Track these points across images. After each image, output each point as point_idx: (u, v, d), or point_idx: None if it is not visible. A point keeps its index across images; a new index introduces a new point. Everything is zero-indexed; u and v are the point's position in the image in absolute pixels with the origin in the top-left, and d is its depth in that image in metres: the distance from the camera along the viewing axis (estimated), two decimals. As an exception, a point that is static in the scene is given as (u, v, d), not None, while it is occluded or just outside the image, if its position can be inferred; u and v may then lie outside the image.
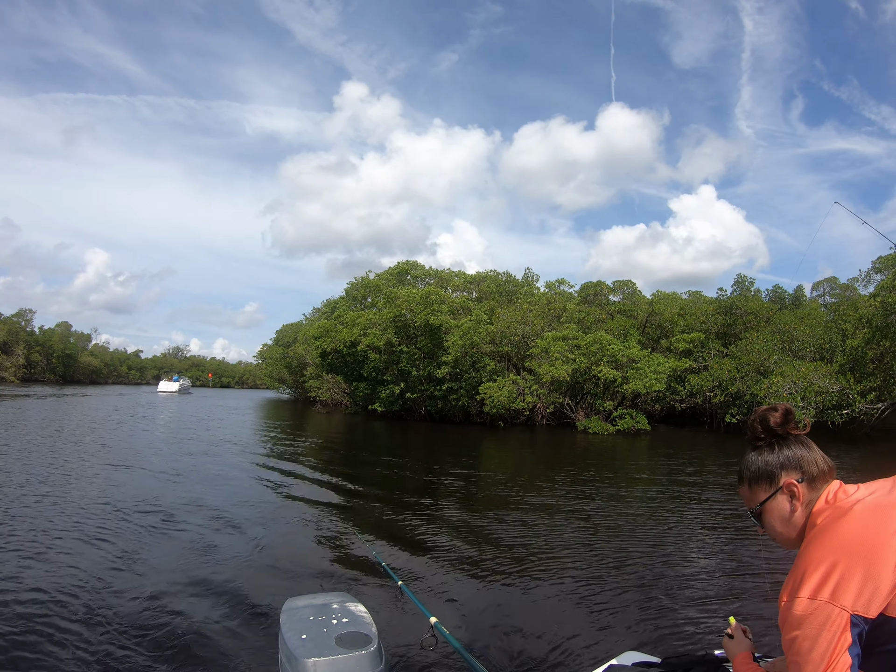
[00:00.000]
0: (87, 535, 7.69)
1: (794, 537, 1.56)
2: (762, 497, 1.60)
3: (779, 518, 1.58)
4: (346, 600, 3.58)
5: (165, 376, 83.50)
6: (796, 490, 1.53)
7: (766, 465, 1.59)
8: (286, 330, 69.17)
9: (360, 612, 3.40)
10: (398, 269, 44.94)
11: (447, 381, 32.41)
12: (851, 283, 43.38)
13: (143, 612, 5.22)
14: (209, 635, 4.82)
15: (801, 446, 1.59)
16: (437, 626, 2.95)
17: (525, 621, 5.37)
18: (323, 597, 3.66)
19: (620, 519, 9.58)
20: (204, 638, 4.77)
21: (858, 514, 1.37)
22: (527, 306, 32.49)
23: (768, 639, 4.83)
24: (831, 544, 1.35)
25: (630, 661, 2.20)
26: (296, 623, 3.21)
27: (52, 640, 4.65)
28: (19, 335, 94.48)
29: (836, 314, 32.82)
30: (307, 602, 3.54)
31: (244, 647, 4.61)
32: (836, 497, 1.48)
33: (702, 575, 6.80)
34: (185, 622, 5.04)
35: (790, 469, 1.56)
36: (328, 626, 3.16)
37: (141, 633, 4.80)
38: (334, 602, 3.52)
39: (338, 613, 3.32)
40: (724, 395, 27.53)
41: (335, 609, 3.39)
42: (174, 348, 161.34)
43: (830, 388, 22.15)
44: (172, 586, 5.88)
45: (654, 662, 2.13)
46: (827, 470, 1.56)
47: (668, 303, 37.86)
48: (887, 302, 21.49)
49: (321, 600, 3.56)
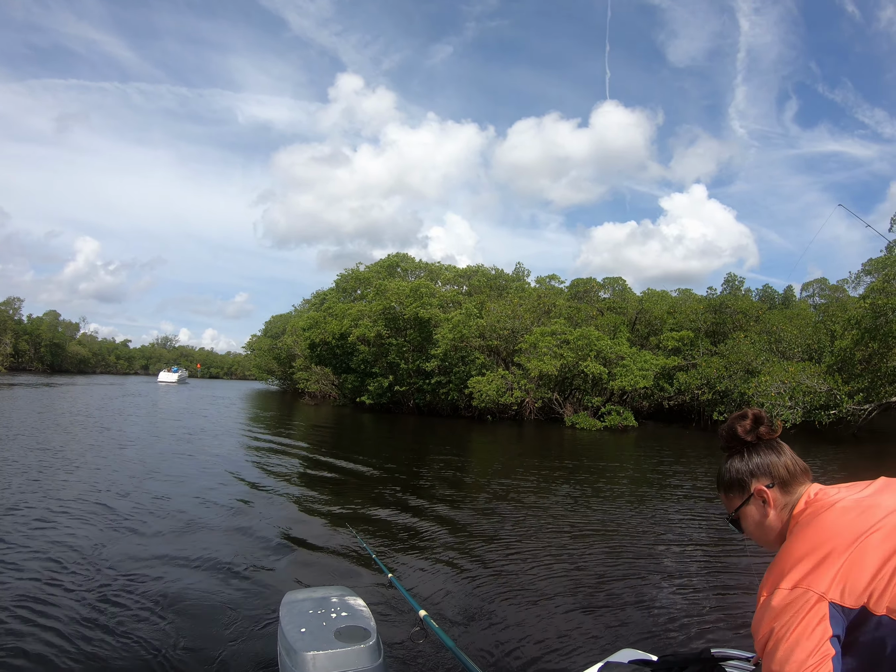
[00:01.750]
0: (80, 519, 7.80)
1: (773, 540, 1.57)
2: (736, 504, 1.63)
3: (753, 523, 1.61)
4: (345, 594, 3.57)
5: (165, 367, 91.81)
6: (767, 496, 1.55)
7: (737, 472, 1.62)
8: (275, 321, 68.84)
9: (360, 605, 3.40)
10: (388, 262, 44.70)
11: (436, 374, 32.28)
12: (841, 284, 43.62)
13: (138, 605, 5.18)
14: (207, 628, 4.80)
15: (771, 452, 1.60)
16: (427, 619, 2.93)
17: (516, 616, 5.29)
18: (322, 590, 3.64)
19: (612, 514, 9.53)
20: (202, 631, 4.75)
21: (839, 510, 1.38)
22: (517, 301, 32.39)
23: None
24: (812, 537, 1.35)
25: (626, 658, 2.18)
26: (295, 616, 3.20)
27: (50, 630, 4.64)
28: (7, 324, 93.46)
29: (825, 315, 32.97)
30: (306, 595, 3.53)
31: (243, 639, 4.59)
32: (817, 498, 1.48)
33: (698, 571, 6.74)
34: (182, 614, 5.02)
35: (760, 475, 1.58)
36: (327, 619, 3.16)
37: (137, 627, 4.76)
38: (333, 596, 3.51)
39: (337, 607, 3.33)
40: (712, 394, 27.58)
41: (334, 602, 3.39)
42: (163, 338, 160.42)
43: (818, 389, 22.19)
44: (166, 576, 5.89)
45: (651, 660, 2.10)
46: (799, 472, 1.57)
47: (657, 300, 37.86)
48: (877, 304, 21.53)
49: (320, 594, 3.55)
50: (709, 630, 5.04)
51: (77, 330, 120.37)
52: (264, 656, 4.20)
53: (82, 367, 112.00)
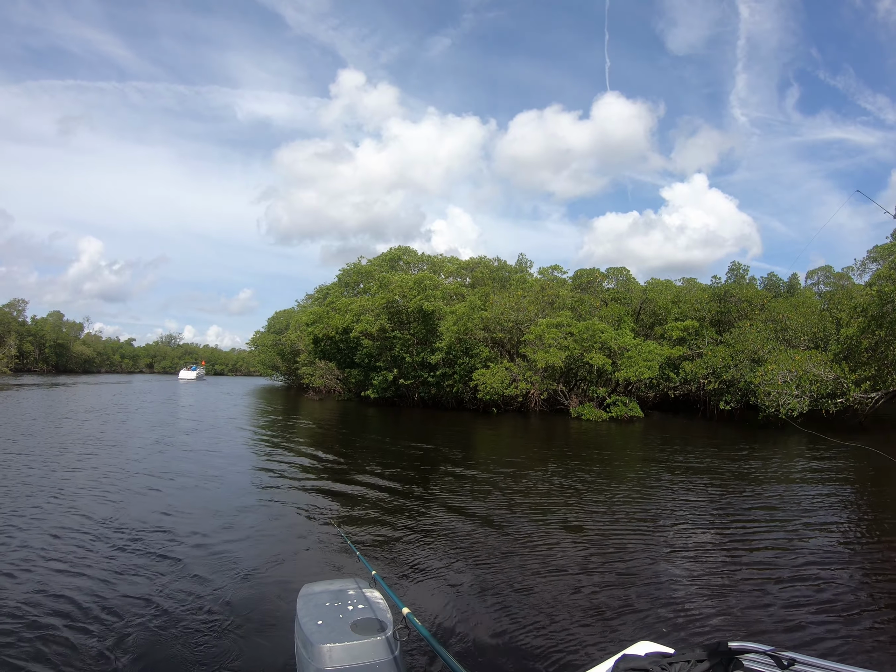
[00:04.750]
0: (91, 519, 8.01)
1: None
2: None
3: None
4: (362, 586, 3.57)
5: (185, 366, 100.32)
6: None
7: None
8: (279, 317, 68.69)
9: (376, 598, 3.39)
10: (391, 255, 44.54)
11: (441, 367, 32.20)
12: (846, 272, 43.31)
13: (153, 601, 5.32)
14: (222, 622, 4.93)
15: None
16: (410, 616, 2.87)
17: (505, 614, 5.25)
18: (339, 583, 3.65)
19: (620, 507, 9.47)
20: (217, 624, 4.87)
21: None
22: (520, 293, 32.23)
23: (778, 629, 4.69)
24: None
25: (643, 651, 2.16)
26: (312, 609, 3.22)
27: (75, 620, 4.82)
28: (11, 325, 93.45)
29: (830, 303, 32.72)
30: (323, 588, 3.53)
31: (260, 634, 4.70)
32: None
33: (713, 564, 6.70)
34: (197, 608, 5.17)
35: None
36: (344, 612, 3.17)
37: (158, 622, 4.88)
38: (350, 588, 3.52)
39: (353, 600, 3.33)
40: (717, 383, 27.41)
41: (351, 595, 3.40)
42: (167, 336, 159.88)
43: (825, 377, 22.04)
44: (176, 571, 6.08)
45: (668, 653, 2.08)
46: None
47: (662, 290, 37.62)
48: (883, 291, 21.32)
49: (337, 586, 3.56)
50: (726, 622, 5.01)
51: (81, 330, 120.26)
52: (282, 649, 4.25)
53: (87, 367, 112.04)
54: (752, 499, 10.07)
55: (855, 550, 7.50)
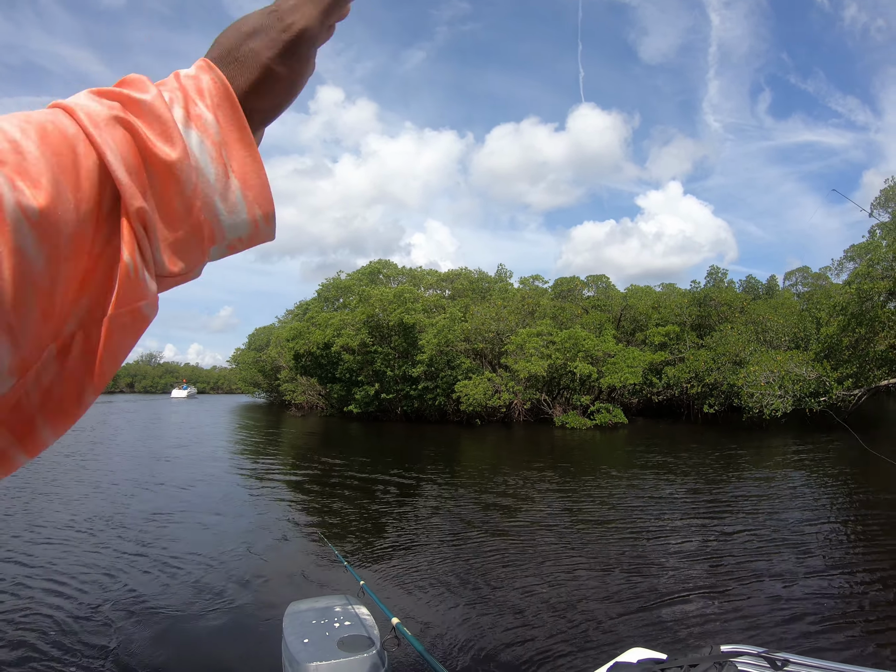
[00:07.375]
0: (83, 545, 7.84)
1: None
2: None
3: None
4: (348, 603, 3.52)
5: (177, 385, 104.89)
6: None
7: None
8: (259, 333, 67.97)
9: (363, 614, 3.35)
10: (370, 269, 44.26)
11: (422, 380, 31.86)
12: (823, 272, 43.79)
13: (139, 621, 5.29)
14: (210, 642, 4.89)
15: None
16: (399, 626, 2.81)
17: (495, 623, 5.23)
18: (325, 600, 3.61)
19: (607, 514, 9.37)
20: (206, 644, 4.83)
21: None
22: (501, 303, 32.12)
23: (770, 630, 4.80)
24: None
25: (636, 657, 2.16)
26: (298, 627, 3.17)
27: (52, 643, 4.81)
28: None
29: (809, 303, 33.00)
30: (309, 606, 3.49)
31: (247, 653, 4.67)
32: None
33: (704, 568, 6.64)
34: (184, 629, 5.10)
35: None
36: (330, 629, 3.13)
37: (141, 643, 4.82)
38: (336, 605, 3.48)
39: (340, 617, 3.29)
40: (700, 386, 27.43)
41: (337, 612, 3.36)
42: (147, 355, 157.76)
43: (807, 376, 22.06)
44: (166, 593, 6.02)
45: (661, 659, 2.07)
46: None
47: (642, 296, 37.78)
48: (862, 289, 21.47)
49: (323, 603, 3.52)
50: (719, 626, 5.02)
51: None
52: (269, 669, 4.24)
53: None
54: (741, 501, 9.91)
55: (846, 550, 7.42)
